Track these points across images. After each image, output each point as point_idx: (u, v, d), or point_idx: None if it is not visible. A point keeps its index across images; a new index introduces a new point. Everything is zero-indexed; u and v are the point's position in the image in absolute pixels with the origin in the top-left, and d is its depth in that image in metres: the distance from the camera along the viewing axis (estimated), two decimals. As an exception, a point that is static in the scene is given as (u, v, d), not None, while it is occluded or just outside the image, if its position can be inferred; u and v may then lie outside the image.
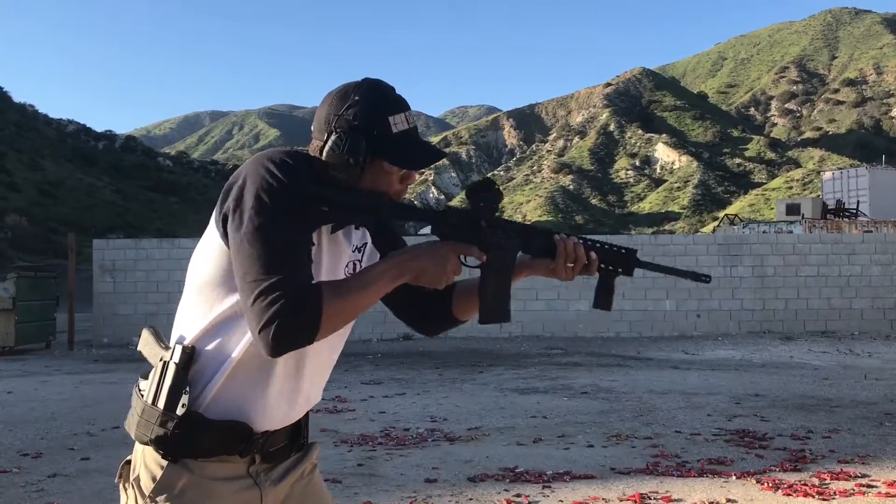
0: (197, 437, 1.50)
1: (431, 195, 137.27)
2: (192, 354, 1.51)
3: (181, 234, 41.05)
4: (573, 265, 1.67)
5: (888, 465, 5.33)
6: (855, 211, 32.91)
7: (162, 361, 1.52)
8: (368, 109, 1.54)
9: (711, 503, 4.48)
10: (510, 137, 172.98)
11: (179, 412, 1.48)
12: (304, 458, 1.70)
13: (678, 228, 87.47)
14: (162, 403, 1.49)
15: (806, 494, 4.56)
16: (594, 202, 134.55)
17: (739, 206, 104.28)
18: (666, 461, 5.43)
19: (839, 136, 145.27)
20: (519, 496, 4.63)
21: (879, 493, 4.63)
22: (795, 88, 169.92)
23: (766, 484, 4.79)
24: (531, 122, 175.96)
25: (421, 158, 1.58)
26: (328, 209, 1.51)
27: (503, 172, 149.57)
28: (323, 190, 1.51)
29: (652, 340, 14.91)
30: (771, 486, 4.75)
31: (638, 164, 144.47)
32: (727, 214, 46.02)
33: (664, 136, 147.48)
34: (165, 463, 1.51)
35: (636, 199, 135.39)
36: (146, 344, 1.58)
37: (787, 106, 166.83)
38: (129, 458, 1.59)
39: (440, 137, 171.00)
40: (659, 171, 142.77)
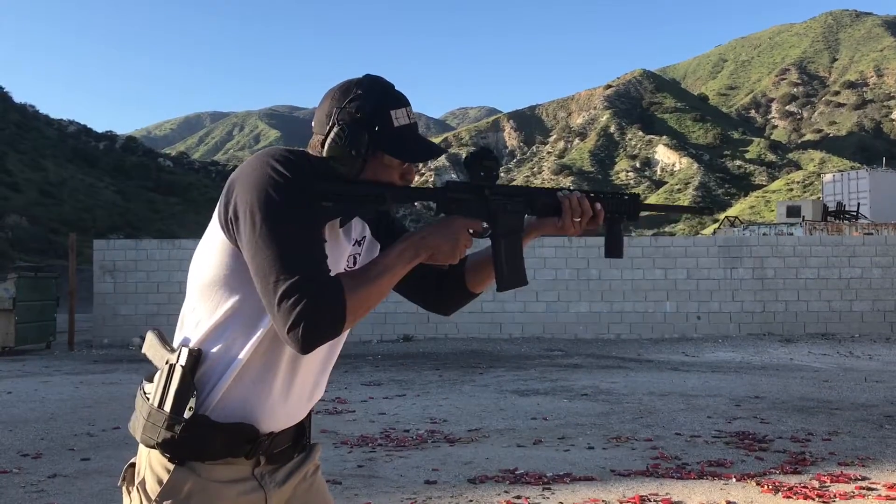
0: (204, 440, 1.50)
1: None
2: (198, 357, 1.52)
3: (182, 234, 41.10)
4: (580, 219, 1.69)
5: (888, 467, 5.34)
6: (855, 213, 32.92)
7: (168, 364, 1.52)
8: (371, 103, 1.55)
9: (711, 505, 4.48)
10: (511, 139, 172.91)
11: (186, 415, 1.48)
12: (307, 459, 1.70)
13: (678, 230, 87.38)
14: (168, 407, 1.49)
15: (806, 497, 4.57)
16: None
17: (740, 208, 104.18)
18: (666, 463, 5.44)
19: (840, 138, 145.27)
20: (519, 498, 4.63)
21: (879, 495, 4.63)
22: (796, 91, 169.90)
23: (766, 486, 4.80)
24: (532, 123, 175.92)
25: (421, 152, 1.60)
26: (333, 202, 1.52)
27: (503, 174, 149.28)
28: (327, 184, 1.52)
29: (652, 342, 14.91)
30: (771, 488, 4.75)
31: (638, 165, 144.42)
32: (727, 216, 46.04)
33: (664, 137, 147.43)
34: (172, 466, 1.51)
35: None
36: (151, 346, 1.58)
37: (787, 108, 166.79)
38: (132, 460, 1.59)
39: (441, 139, 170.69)
40: (659, 172, 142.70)
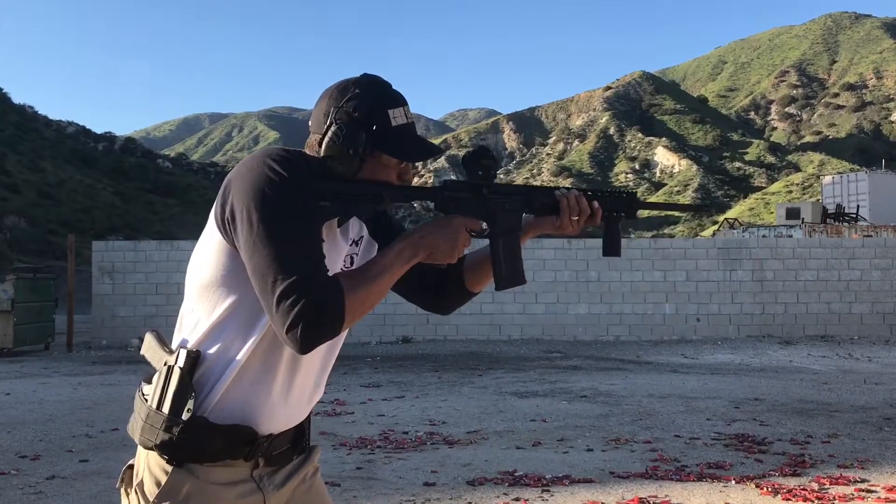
0: (202, 441, 1.50)
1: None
2: (196, 358, 1.51)
3: (180, 235, 41.05)
4: (578, 217, 1.69)
5: (887, 469, 5.33)
6: (855, 215, 32.96)
7: (166, 366, 1.52)
8: (368, 102, 1.55)
9: (711, 508, 4.48)
10: (510, 140, 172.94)
11: (185, 417, 1.48)
12: (306, 461, 1.69)
13: (678, 232, 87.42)
14: (167, 408, 1.48)
15: (805, 499, 4.56)
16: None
17: (739, 209, 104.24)
18: (665, 465, 5.43)
19: (839, 140, 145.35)
20: (518, 500, 4.63)
21: (879, 498, 4.63)
22: (795, 92, 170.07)
23: (765, 488, 4.79)
24: (531, 125, 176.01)
25: (419, 151, 1.60)
26: (330, 202, 1.52)
27: (503, 175, 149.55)
28: (324, 183, 1.52)
29: (651, 344, 14.91)
30: (770, 490, 4.75)
31: (638, 167, 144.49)
32: (727, 218, 46.06)
33: (664, 139, 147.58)
34: (170, 468, 1.51)
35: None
36: (150, 348, 1.58)
37: (787, 110, 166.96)
38: (131, 462, 1.58)
39: (440, 140, 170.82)
40: (659, 174, 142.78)
